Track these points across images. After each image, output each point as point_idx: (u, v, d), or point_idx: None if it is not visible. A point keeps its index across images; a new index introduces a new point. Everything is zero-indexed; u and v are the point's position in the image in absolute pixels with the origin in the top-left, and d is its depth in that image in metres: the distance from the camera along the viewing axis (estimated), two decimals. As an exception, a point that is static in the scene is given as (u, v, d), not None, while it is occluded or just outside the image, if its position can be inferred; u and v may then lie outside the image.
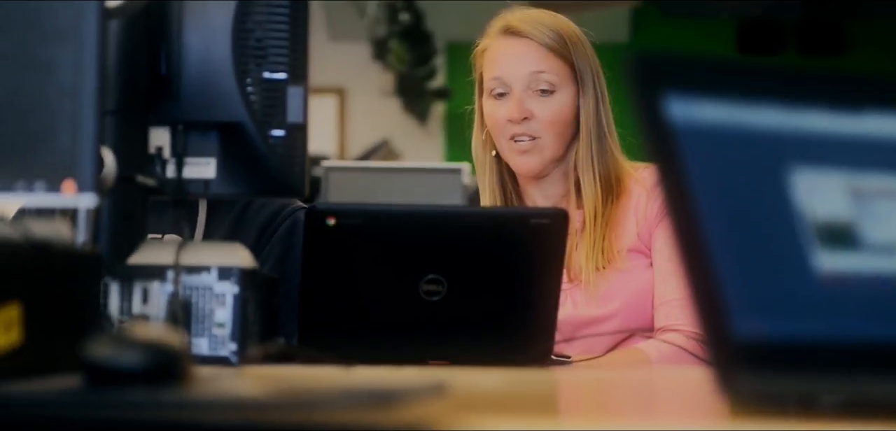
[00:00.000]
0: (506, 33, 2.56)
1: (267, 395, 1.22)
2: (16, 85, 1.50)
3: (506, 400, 1.39)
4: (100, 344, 1.29)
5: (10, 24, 1.50)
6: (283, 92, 2.01)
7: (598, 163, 2.53)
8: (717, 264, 1.15)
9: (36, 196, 1.50)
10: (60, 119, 1.50)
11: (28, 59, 1.50)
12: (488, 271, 2.14)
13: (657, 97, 1.20)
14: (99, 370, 1.27)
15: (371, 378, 1.58)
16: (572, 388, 1.70)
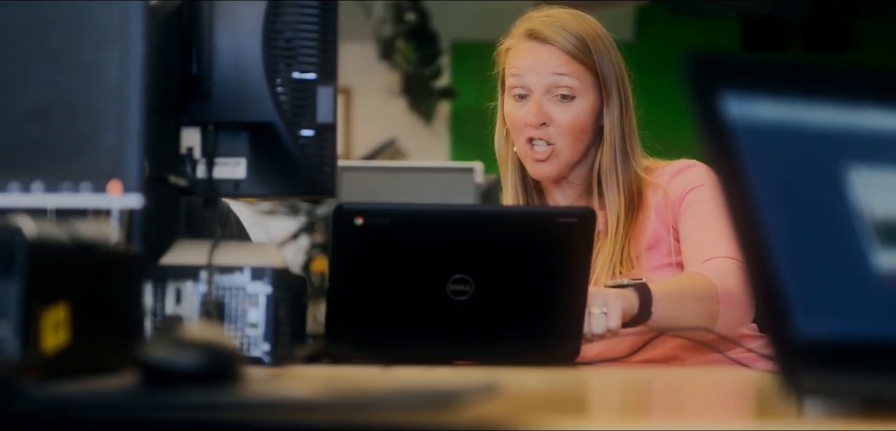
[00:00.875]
0: (529, 36, 2.56)
1: (327, 396, 1.22)
2: (62, 86, 1.50)
3: (564, 400, 1.39)
4: (156, 344, 1.29)
5: (55, 25, 1.50)
6: (313, 92, 2.01)
7: (622, 171, 2.53)
8: (778, 264, 1.16)
9: (81, 197, 1.50)
10: (106, 120, 1.50)
11: (74, 60, 1.50)
12: (516, 270, 2.14)
13: (714, 97, 1.20)
14: (155, 370, 1.27)
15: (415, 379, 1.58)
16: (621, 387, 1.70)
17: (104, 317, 1.53)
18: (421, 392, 1.18)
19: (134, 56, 1.51)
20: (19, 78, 1.50)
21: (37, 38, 1.51)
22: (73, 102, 1.50)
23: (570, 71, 2.54)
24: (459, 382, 1.29)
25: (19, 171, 1.50)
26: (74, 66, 1.51)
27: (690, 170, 2.55)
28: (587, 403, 1.40)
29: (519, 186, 2.60)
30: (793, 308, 1.15)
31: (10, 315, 1.36)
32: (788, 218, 1.19)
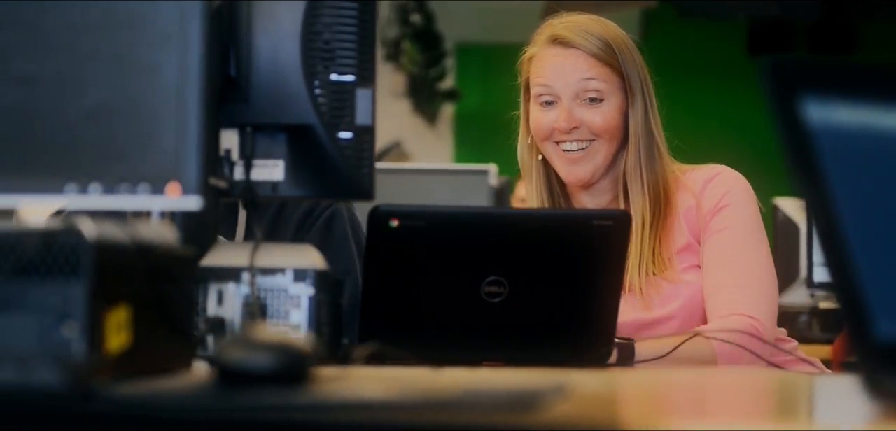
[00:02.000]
0: (553, 42, 2.56)
1: (406, 397, 1.22)
2: (120, 87, 1.50)
3: (634, 400, 1.40)
4: (231, 346, 1.29)
5: (113, 26, 1.50)
6: (351, 94, 2.00)
7: (647, 171, 2.54)
8: (858, 267, 1.16)
9: (140, 198, 1.50)
10: (164, 121, 1.50)
11: (132, 61, 1.50)
12: (550, 273, 2.15)
13: (794, 101, 1.21)
14: (231, 371, 1.27)
15: (477, 380, 1.58)
16: (681, 387, 1.71)
17: (161, 318, 1.53)
18: (503, 394, 1.19)
19: (192, 56, 1.50)
20: (77, 79, 1.50)
21: (95, 38, 1.51)
22: (131, 103, 1.50)
23: (596, 74, 2.54)
24: (531, 383, 1.29)
25: (77, 172, 1.49)
26: (133, 67, 1.50)
27: (721, 178, 2.55)
28: (657, 402, 1.41)
29: (545, 193, 2.60)
30: (873, 311, 1.15)
31: (76, 316, 1.36)
32: (868, 222, 1.19)
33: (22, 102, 1.49)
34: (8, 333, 1.36)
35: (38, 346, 1.35)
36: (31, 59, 1.50)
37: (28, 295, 1.37)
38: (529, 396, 1.19)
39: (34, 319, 1.36)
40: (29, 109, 1.49)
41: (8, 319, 1.36)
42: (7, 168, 1.49)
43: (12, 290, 1.37)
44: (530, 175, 2.62)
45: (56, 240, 1.38)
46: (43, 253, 1.37)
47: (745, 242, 2.50)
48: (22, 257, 1.37)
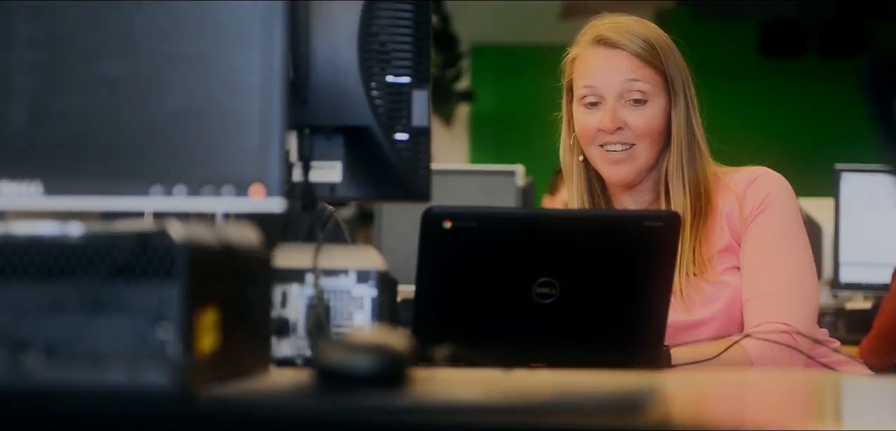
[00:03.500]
0: (598, 43, 2.57)
1: (510, 399, 1.23)
2: (205, 89, 1.50)
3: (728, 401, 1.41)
4: (331, 348, 1.30)
5: (198, 28, 1.51)
6: (408, 96, 2.01)
7: (688, 172, 2.55)
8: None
9: (223, 200, 1.50)
10: (249, 123, 1.51)
11: (217, 63, 1.51)
12: (601, 274, 2.16)
13: (890, 100, 1.22)
14: (331, 373, 1.28)
15: (560, 383, 1.59)
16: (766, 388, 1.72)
17: (244, 320, 1.53)
18: (605, 396, 1.20)
19: (275, 58, 1.51)
20: (162, 81, 1.50)
21: (179, 40, 1.51)
22: (215, 105, 1.50)
23: (641, 75, 2.56)
24: (623, 385, 1.30)
25: (162, 174, 1.50)
26: (217, 69, 1.51)
27: (763, 181, 2.56)
28: (750, 401, 1.42)
29: (585, 195, 2.61)
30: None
31: (171, 318, 1.36)
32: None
33: (107, 104, 1.49)
34: (102, 335, 1.36)
35: (133, 348, 1.36)
36: (117, 62, 1.50)
37: (122, 297, 1.38)
38: (633, 398, 1.20)
39: (129, 321, 1.37)
40: (114, 111, 1.50)
41: (102, 321, 1.37)
42: (93, 170, 1.49)
43: (107, 292, 1.38)
44: (571, 177, 2.63)
45: (150, 243, 1.38)
46: (137, 256, 1.38)
47: (785, 246, 2.51)
48: (117, 259, 1.38)
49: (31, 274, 1.39)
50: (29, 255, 1.39)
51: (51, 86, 1.50)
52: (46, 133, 1.50)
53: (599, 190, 2.63)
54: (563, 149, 2.65)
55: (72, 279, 1.38)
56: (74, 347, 1.35)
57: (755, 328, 2.42)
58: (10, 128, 1.50)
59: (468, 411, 1.20)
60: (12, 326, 1.35)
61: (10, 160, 1.49)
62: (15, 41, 1.50)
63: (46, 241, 1.39)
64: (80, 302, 1.37)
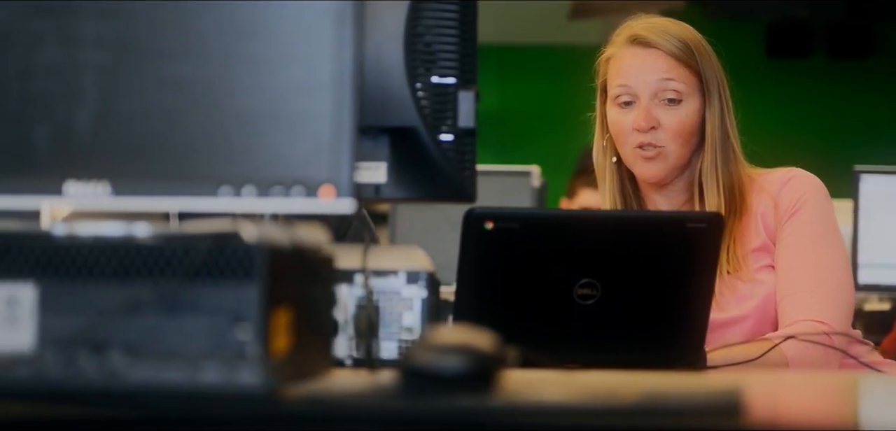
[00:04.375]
0: (633, 42, 2.57)
1: (599, 401, 1.22)
2: (274, 89, 1.49)
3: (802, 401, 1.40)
4: (421, 349, 1.29)
5: (268, 28, 1.49)
6: (453, 96, 2.00)
7: (722, 173, 2.55)
8: None
9: (293, 201, 1.49)
10: (319, 124, 1.49)
11: (287, 63, 1.49)
12: (643, 275, 2.15)
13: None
14: (420, 374, 1.27)
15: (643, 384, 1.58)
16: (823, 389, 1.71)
17: (312, 320, 1.52)
18: (705, 397, 1.19)
19: (346, 58, 1.50)
20: (229, 82, 1.49)
21: (247, 41, 1.50)
22: (284, 106, 1.49)
23: (676, 75, 2.55)
24: (708, 386, 1.29)
25: (231, 175, 1.48)
26: (286, 70, 1.49)
27: (797, 181, 2.57)
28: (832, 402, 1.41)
29: (618, 196, 2.61)
30: None
31: (250, 318, 1.35)
32: None
33: (175, 105, 1.48)
34: (180, 335, 1.35)
35: (211, 349, 1.35)
36: (185, 62, 1.49)
37: (200, 298, 1.37)
38: (729, 399, 1.19)
39: (206, 321, 1.36)
40: (182, 112, 1.48)
41: (180, 321, 1.36)
42: (161, 170, 1.48)
43: (184, 293, 1.37)
44: (603, 177, 2.63)
45: (229, 243, 1.37)
46: (215, 256, 1.37)
47: (820, 245, 2.51)
48: (195, 260, 1.36)
49: (107, 275, 1.37)
50: (106, 256, 1.37)
51: (118, 86, 1.49)
52: (114, 133, 1.48)
53: (632, 191, 2.62)
54: (596, 150, 2.64)
55: (149, 280, 1.37)
56: (153, 348, 1.34)
57: (790, 327, 2.42)
58: (77, 129, 1.48)
59: (567, 413, 1.19)
60: (93, 327, 1.34)
61: (78, 160, 1.48)
62: (82, 42, 1.49)
63: (124, 242, 1.38)
64: (159, 302, 1.36)
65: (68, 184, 1.48)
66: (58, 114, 1.48)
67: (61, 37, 1.49)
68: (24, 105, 1.48)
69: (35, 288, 1.37)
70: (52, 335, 1.36)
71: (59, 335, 1.35)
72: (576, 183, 5.32)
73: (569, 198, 5.36)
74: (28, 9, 1.49)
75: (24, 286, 1.37)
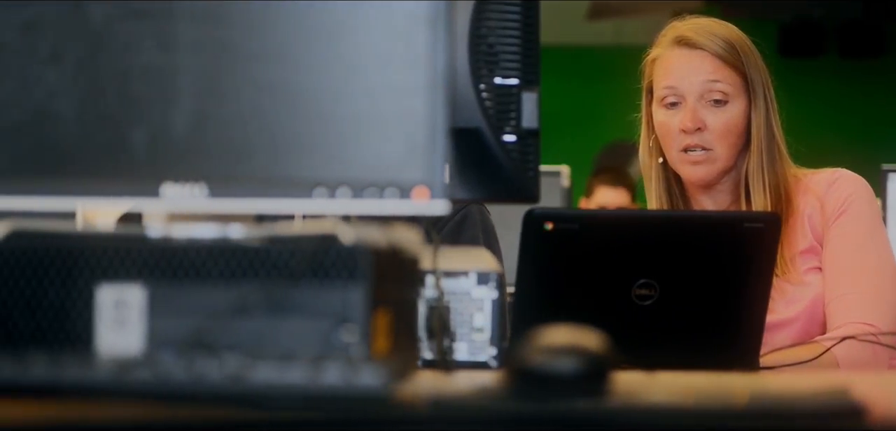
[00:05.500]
0: (679, 43, 2.58)
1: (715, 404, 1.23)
2: (368, 90, 1.50)
3: None
4: (531, 350, 1.30)
5: (362, 29, 1.50)
6: (517, 97, 2.01)
7: (769, 174, 2.56)
8: None
9: (387, 202, 1.50)
10: (413, 126, 1.50)
11: (381, 64, 1.50)
12: (700, 275, 2.17)
13: None
14: (532, 375, 1.27)
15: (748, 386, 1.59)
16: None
17: (404, 321, 1.54)
18: (830, 400, 1.19)
19: (440, 59, 1.51)
20: (323, 84, 1.50)
21: (340, 43, 1.50)
22: (378, 108, 1.50)
23: (722, 76, 2.57)
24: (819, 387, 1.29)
25: (325, 177, 1.49)
26: (379, 71, 1.50)
27: (844, 182, 2.58)
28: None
29: (664, 196, 2.62)
30: None
31: (356, 320, 1.36)
32: None
33: (271, 107, 1.49)
34: (286, 337, 1.36)
35: (317, 350, 1.36)
36: (281, 65, 1.49)
37: (305, 300, 1.38)
38: (855, 403, 1.20)
39: (311, 323, 1.37)
40: (277, 114, 1.49)
41: (285, 323, 1.37)
42: (256, 172, 1.49)
43: (289, 295, 1.38)
44: (650, 178, 2.64)
45: (333, 245, 1.38)
46: (320, 258, 1.38)
47: (867, 246, 2.53)
48: (301, 262, 1.37)
49: (214, 277, 1.38)
50: (213, 258, 1.38)
51: (214, 89, 1.50)
52: (210, 136, 1.49)
53: (678, 191, 2.64)
54: (642, 151, 2.66)
55: (256, 282, 1.38)
56: (258, 350, 1.35)
57: (839, 329, 2.44)
58: (174, 131, 1.49)
59: (682, 415, 1.20)
60: (202, 329, 1.35)
61: (175, 162, 1.49)
62: (179, 45, 1.50)
63: (231, 245, 1.39)
64: (266, 304, 1.37)
65: (165, 185, 1.49)
66: (155, 117, 1.49)
67: (158, 40, 1.50)
68: (121, 108, 1.49)
69: (143, 291, 1.38)
70: (160, 337, 1.37)
71: (167, 337, 1.36)
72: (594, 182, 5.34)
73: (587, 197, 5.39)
74: (125, 11, 1.49)
75: (133, 288, 1.38)
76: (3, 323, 1.38)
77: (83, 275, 1.39)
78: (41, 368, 1.20)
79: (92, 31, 1.50)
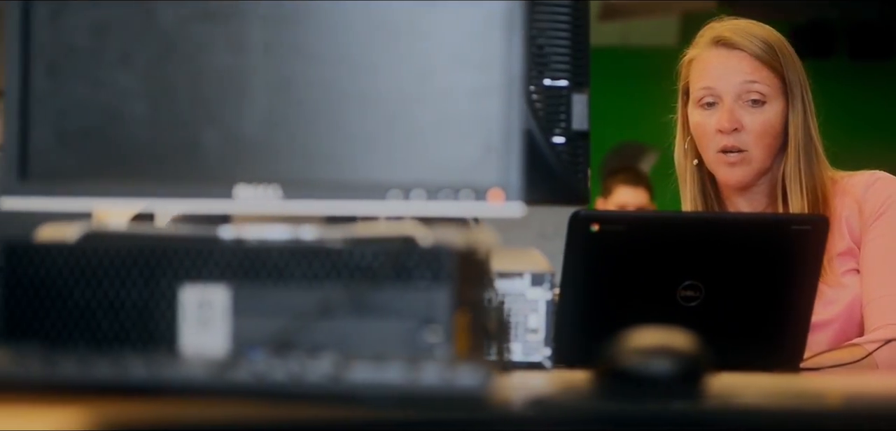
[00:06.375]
0: (717, 44, 2.58)
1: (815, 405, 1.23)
2: (443, 92, 1.49)
3: None
4: (623, 351, 1.30)
5: (439, 30, 1.49)
6: (566, 99, 2.01)
7: (806, 176, 2.56)
8: None
9: (461, 204, 1.49)
10: (489, 127, 1.50)
11: (457, 66, 1.50)
12: (746, 277, 2.16)
13: None
14: (626, 377, 1.27)
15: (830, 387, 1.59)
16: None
17: (480, 321, 1.53)
18: None
19: (515, 60, 1.50)
20: (398, 86, 1.49)
21: (417, 44, 1.50)
22: (454, 110, 1.49)
23: (759, 77, 2.57)
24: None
25: (399, 178, 1.49)
26: (455, 73, 1.50)
27: (882, 184, 2.58)
28: None
29: (698, 198, 2.62)
30: None
31: (440, 321, 1.36)
32: None
33: (345, 109, 1.48)
34: (369, 337, 1.36)
35: (402, 351, 1.35)
36: (355, 67, 1.49)
37: (388, 301, 1.37)
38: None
39: (395, 324, 1.37)
40: (352, 116, 1.48)
41: (368, 324, 1.37)
42: (330, 174, 1.48)
43: (372, 296, 1.37)
44: (684, 179, 2.64)
45: (416, 247, 1.38)
46: (403, 259, 1.37)
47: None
48: (384, 263, 1.37)
49: (297, 278, 1.38)
50: (296, 259, 1.37)
51: (287, 92, 1.49)
52: (283, 137, 1.48)
53: (713, 193, 2.63)
54: (677, 152, 2.65)
55: (338, 283, 1.37)
56: (344, 350, 1.34)
57: (877, 331, 2.44)
58: (246, 133, 1.48)
59: (779, 416, 1.20)
60: (287, 329, 1.34)
61: (247, 164, 1.48)
62: (251, 48, 1.49)
63: (314, 246, 1.38)
64: (350, 305, 1.36)
65: (238, 187, 1.48)
66: (227, 119, 1.49)
67: (229, 42, 1.49)
68: (193, 109, 1.48)
69: (227, 291, 1.37)
70: (243, 337, 1.36)
71: (251, 337, 1.36)
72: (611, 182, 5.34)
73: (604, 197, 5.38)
74: (195, 13, 1.49)
75: (216, 288, 1.37)
76: (86, 323, 1.37)
77: (166, 276, 1.38)
78: (140, 368, 1.20)
79: (162, 33, 1.49)
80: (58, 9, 1.47)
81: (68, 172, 1.47)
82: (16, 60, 1.47)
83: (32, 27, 1.46)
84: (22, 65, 1.46)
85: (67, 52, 1.47)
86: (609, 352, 1.28)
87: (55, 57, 1.47)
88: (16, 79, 1.47)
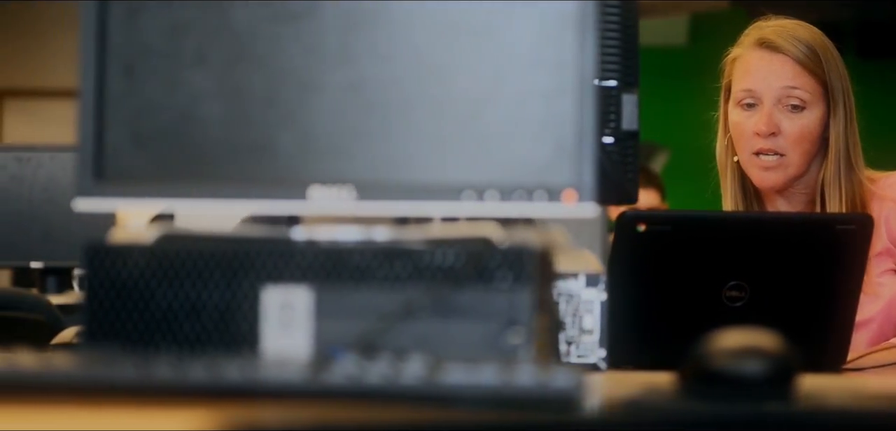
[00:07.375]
0: (760, 45, 2.59)
1: None
2: (518, 93, 1.49)
3: None
4: (712, 352, 1.30)
5: (513, 30, 1.50)
6: (616, 99, 2.01)
7: (845, 183, 2.57)
8: None
9: (535, 205, 1.49)
10: (563, 128, 1.50)
11: (532, 66, 1.50)
12: (791, 277, 2.17)
13: None
14: (715, 378, 1.27)
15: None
16: None
17: (552, 322, 1.53)
18: None
19: (589, 60, 1.50)
20: (473, 87, 1.49)
21: (490, 45, 1.50)
22: (528, 111, 1.49)
23: (801, 83, 2.57)
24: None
25: (473, 179, 1.49)
26: (530, 74, 1.50)
27: None
28: None
29: (739, 195, 2.63)
30: None
31: (523, 322, 1.36)
32: None
33: (419, 110, 1.48)
34: (451, 339, 1.36)
35: (484, 353, 1.35)
36: (429, 69, 1.49)
37: (469, 302, 1.38)
38: None
39: (477, 325, 1.37)
40: (426, 118, 1.48)
41: (451, 325, 1.37)
42: (403, 174, 1.48)
43: (453, 297, 1.37)
44: (725, 176, 2.64)
45: (499, 248, 1.38)
46: (486, 261, 1.38)
47: None
48: (466, 265, 1.37)
49: (379, 279, 1.38)
50: (378, 261, 1.38)
51: (360, 92, 1.49)
52: (357, 138, 1.48)
53: (753, 191, 2.64)
54: (718, 149, 2.66)
55: (419, 284, 1.37)
56: (428, 352, 1.34)
57: None
58: (320, 134, 1.48)
59: (871, 418, 1.20)
60: (370, 331, 1.34)
61: (322, 165, 1.48)
62: (324, 48, 1.49)
63: (396, 247, 1.38)
64: (432, 307, 1.36)
65: (312, 188, 1.48)
66: (301, 120, 1.48)
67: (303, 43, 1.49)
68: (267, 110, 1.48)
69: (309, 292, 1.37)
70: (325, 339, 1.36)
71: (333, 339, 1.36)
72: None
73: None
74: (269, 14, 1.49)
75: (299, 290, 1.37)
76: (168, 325, 1.37)
77: (248, 278, 1.38)
78: (234, 370, 1.20)
79: (237, 34, 1.49)
80: (133, 9, 1.47)
81: (143, 173, 1.47)
82: (91, 60, 1.47)
83: (108, 27, 1.46)
84: (97, 65, 1.46)
85: (143, 52, 1.47)
86: (697, 354, 1.28)
87: (130, 57, 1.47)
88: (91, 79, 1.47)
